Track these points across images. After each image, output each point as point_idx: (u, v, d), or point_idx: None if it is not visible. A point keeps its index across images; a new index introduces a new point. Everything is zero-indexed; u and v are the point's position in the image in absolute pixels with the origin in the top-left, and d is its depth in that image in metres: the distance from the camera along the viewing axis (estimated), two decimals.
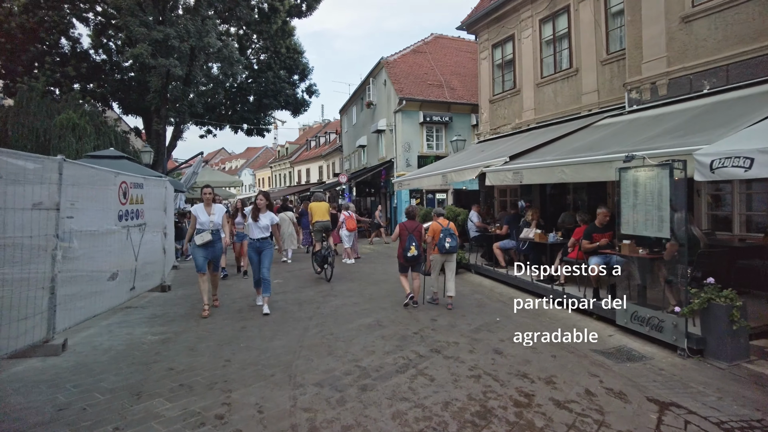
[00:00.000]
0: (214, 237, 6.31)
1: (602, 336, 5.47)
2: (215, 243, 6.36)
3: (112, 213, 5.69)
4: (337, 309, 6.67)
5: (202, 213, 6.33)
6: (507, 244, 9.06)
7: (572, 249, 7.31)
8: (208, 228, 6.28)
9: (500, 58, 13.54)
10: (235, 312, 6.57)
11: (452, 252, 6.82)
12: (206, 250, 6.32)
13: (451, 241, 6.74)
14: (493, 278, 9.05)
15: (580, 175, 6.55)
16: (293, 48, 25.11)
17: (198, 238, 6.22)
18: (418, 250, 6.78)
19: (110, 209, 5.62)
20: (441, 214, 7.33)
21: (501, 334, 5.48)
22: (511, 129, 12.89)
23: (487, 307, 6.89)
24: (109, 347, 4.77)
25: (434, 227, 6.88)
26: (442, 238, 6.73)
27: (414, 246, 6.74)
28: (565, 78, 11.00)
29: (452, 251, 6.80)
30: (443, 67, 22.06)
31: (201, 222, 6.29)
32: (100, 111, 18.15)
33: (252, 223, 6.46)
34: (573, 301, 6.65)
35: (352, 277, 9.50)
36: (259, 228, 6.44)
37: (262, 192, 6.64)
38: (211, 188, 6.55)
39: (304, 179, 42.39)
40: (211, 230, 6.31)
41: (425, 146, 20.13)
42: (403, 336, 5.29)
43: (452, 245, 6.74)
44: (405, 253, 6.76)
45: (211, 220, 6.35)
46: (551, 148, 8.65)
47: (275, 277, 9.49)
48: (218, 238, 6.46)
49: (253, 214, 6.46)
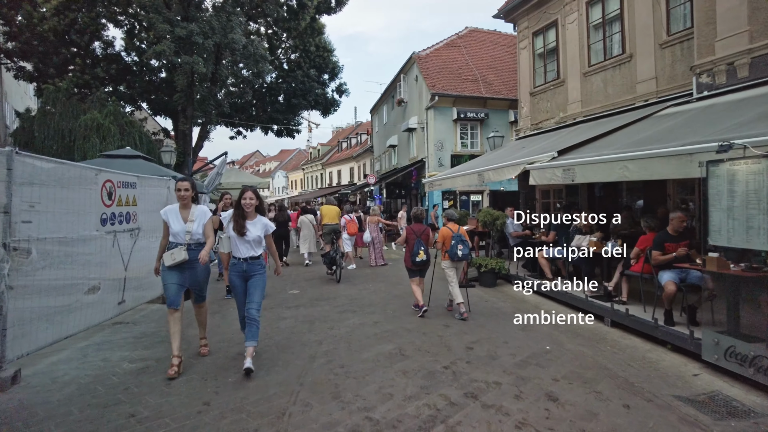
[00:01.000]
0: (192, 255, 4.31)
1: (685, 376, 4.27)
2: (195, 263, 4.33)
3: (92, 216, 4.90)
4: (353, 330, 5.67)
5: (176, 219, 4.36)
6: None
7: (636, 260, 6.09)
8: (183, 241, 4.30)
9: (542, 46, 12.33)
10: (229, 359, 4.62)
11: (464, 260, 6.51)
12: (181, 275, 4.34)
13: (464, 249, 6.37)
14: (539, 293, 7.88)
15: (648, 171, 5.34)
16: (323, 46, 24.46)
17: (167, 256, 4.28)
18: (427, 254, 6.44)
19: (89, 212, 4.83)
20: (452, 218, 6.84)
21: (554, 369, 4.37)
22: (555, 124, 11.66)
23: (534, 331, 5.75)
24: (72, 379, 3.94)
25: (444, 233, 6.48)
26: (453, 245, 6.35)
27: (423, 250, 6.40)
28: (616, 65, 9.72)
29: (464, 259, 6.48)
30: (479, 61, 20.82)
31: (173, 232, 4.32)
32: (125, 111, 17.87)
33: (234, 237, 4.38)
34: (639, 324, 5.46)
35: (377, 288, 8.51)
36: (246, 243, 4.37)
37: (249, 188, 4.49)
38: (189, 182, 4.51)
39: (336, 181, 41.80)
40: (189, 244, 4.33)
41: (459, 145, 18.95)
42: (431, 372, 4.25)
43: (464, 252, 6.39)
44: (414, 258, 6.41)
45: (188, 230, 4.32)
46: (606, 142, 7.44)
47: (292, 287, 8.65)
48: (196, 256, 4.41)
49: (236, 224, 4.34)
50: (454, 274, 6.49)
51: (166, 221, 4.37)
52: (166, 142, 16.07)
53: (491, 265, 8.49)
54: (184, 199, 4.42)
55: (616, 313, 5.88)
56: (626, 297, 6.33)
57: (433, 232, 7.01)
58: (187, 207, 4.46)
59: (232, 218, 4.42)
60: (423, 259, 6.42)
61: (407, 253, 6.55)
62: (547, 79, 12.13)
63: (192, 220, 4.41)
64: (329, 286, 8.78)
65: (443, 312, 6.68)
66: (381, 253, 11.76)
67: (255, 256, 4.44)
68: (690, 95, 7.57)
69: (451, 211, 7.17)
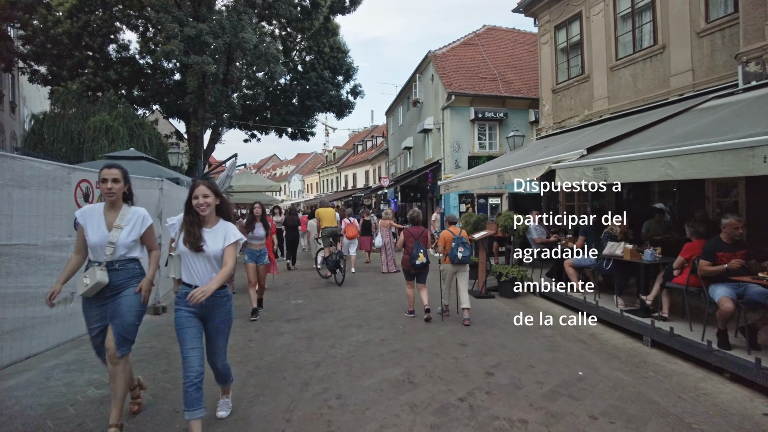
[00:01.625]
0: (116, 278, 3.03)
1: (753, 415, 3.53)
2: (122, 289, 3.04)
3: (64, 220, 4.38)
4: (356, 350, 5.02)
5: (95, 225, 3.03)
6: (583, 260, 7.13)
7: (680, 271, 5.34)
8: (102, 257, 2.99)
9: (564, 40, 11.61)
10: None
11: (465, 263, 6.36)
12: (100, 308, 3.07)
13: (464, 251, 6.27)
14: (565, 305, 7.14)
15: (696, 169, 4.59)
16: (337, 47, 24.08)
17: (80, 281, 3.02)
18: (427, 257, 6.31)
19: (59, 215, 4.31)
20: (453, 221, 6.78)
21: (590, 403, 3.67)
22: (579, 122, 10.92)
23: (563, 351, 5.04)
24: (21, 411, 3.37)
25: (445, 236, 6.42)
26: (453, 248, 6.26)
27: (422, 253, 6.28)
28: (647, 58, 8.95)
29: (465, 261, 6.34)
30: (497, 60, 20.07)
31: (91, 244, 3.02)
32: (135, 113, 17.62)
33: (186, 254, 2.94)
34: (687, 346, 4.71)
35: (387, 299, 7.87)
36: (204, 262, 2.95)
37: (203, 182, 3.03)
38: (119, 171, 3.10)
39: (351, 184, 41.33)
40: (112, 262, 3.02)
41: (476, 146, 18.19)
42: (443, 406, 3.58)
43: (465, 255, 6.28)
44: (413, 260, 6.29)
45: (111, 241, 2.99)
46: (640, 139, 6.70)
47: (297, 295, 8.07)
48: (130, 278, 3.09)
49: (189, 234, 2.92)
50: (452, 277, 6.45)
51: (83, 227, 3.02)
52: (175, 144, 15.66)
53: (512, 274, 7.79)
54: (110, 194, 3.00)
55: (658, 332, 5.12)
56: (667, 313, 5.58)
57: None
58: (115, 207, 3.06)
59: (182, 226, 2.97)
60: (423, 262, 6.29)
61: (405, 256, 6.45)
62: (571, 75, 11.41)
63: (119, 227, 3.01)
64: (336, 295, 8.18)
65: (459, 326, 6.02)
66: (394, 259, 11.13)
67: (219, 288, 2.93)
68: (734, 87, 6.82)
69: (452, 215, 7.06)
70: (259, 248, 6.56)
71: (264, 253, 6.61)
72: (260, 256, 6.55)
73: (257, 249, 6.56)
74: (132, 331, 3.05)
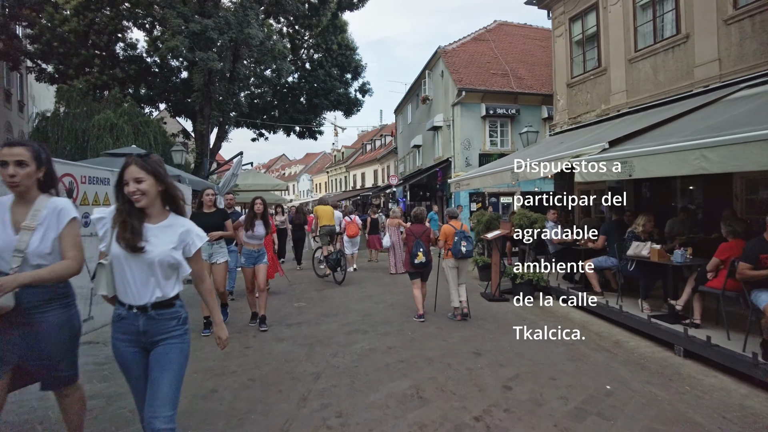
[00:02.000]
0: (29, 299, 2.16)
1: None
2: (35, 315, 2.20)
3: None
4: (361, 359, 4.61)
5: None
6: (604, 261, 6.67)
7: (715, 274, 4.87)
8: (7, 268, 2.12)
9: (580, 32, 11.14)
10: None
11: (468, 257, 6.35)
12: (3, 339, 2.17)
13: (467, 245, 6.20)
14: (585, 309, 6.68)
15: (738, 161, 4.13)
16: (345, 44, 23.72)
17: None
18: (427, 256, 6.19)
19: None
20: (454, 215, 6.72)
21: (623, 423, 3.23)
22: (595, 117, 10.44)
23: (587, 361, 4.60)
24: None
25: (446, 230, 6.34)
26: (456, 242, 6.18)
27: (422, 252, 6.16)
28: (669, 48, 8.46)
29: (468, 256, 6.33)
30: (508, 56, 19.57)
31: None
32: (140, 111, 17.39)
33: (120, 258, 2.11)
34: (728, 358, 4.25)
35: (395, 302, 7.46)
36: (145, 270, 2.12)
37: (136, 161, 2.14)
38: (28, 150, 2.23)
39: (359, 184, 40.96)
40: None
41: (488, 143, 17.73)
42: (457, 426, 3.16)
43: (468, 249, 6.22)
44: (412, 259, 6.18)
45: (19, 248, 2.13)
46: (667, 131, 6.23)
47: (300, 298, 7.70)
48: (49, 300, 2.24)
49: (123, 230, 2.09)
50: (455, 274, 6.32)
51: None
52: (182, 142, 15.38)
53: (528, 276, 7.34)
54: (13, 183, 2.18)
55: (693, 341, 4.66)
56: (699, 319, 5.11)
57: None
58: (24, 200, 2.23)
59: (114, 220, 2.13)
60: (422, 261, 6.15)
61: (406, 255, 6.39)
62: (587, 69, 10.93)
63: (29, 228, 2.16)
64: (340, 298, 7.79)
65: (472, 331, 5.60)
66: (402, 259, 10.71)
67: (165, 300, 2.17)
68: (764, 76, 6.35)
69: (452, 209, 6.92)
70: (257, 248, 5.85)
71: (263, 253, 5.91)
72: (259, 256, 5.85)
73: (256, 249, 5.84)
74: (65, 360, 2.32)
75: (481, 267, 9.39)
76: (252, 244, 5.80)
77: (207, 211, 5.59)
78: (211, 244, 5.42)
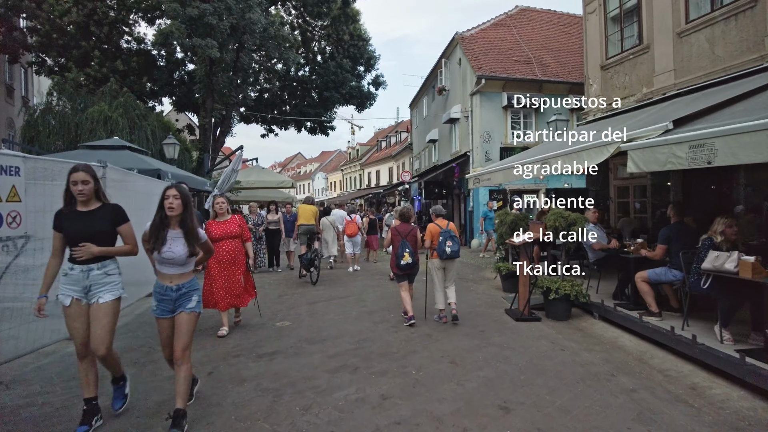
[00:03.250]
0: None
1: None
2: None
3: None
4: (341, 420, 3.26)
5: None
6: (664, 274, 5.23)
7: None
8: None
9: (617, 6, 9.78)
10: None
11: (454, 257, 6.01)
12: None
13: (453, 245, 5.91)
14: (640, 335, 5.26)
15: None
16: (357, 35, 22.47)
17: None
18: (413, 257, 5.95)
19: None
20: (440, 214, 6.30)
21: None
22: (635, 102, 9.02)
23: (661, 421, 3.22)
24: None
25: (432, 229, 6.05)
26: (441, 242, 5.91)
27: (408, 252, 5.91)
28: (731, 15, 7.02)
29: (453, 256, 5.98)
30: (531, 42, 18.03)
31: None
32: (138, 103, 16.39)
33: None
34: None
35: (399, 320, 6.15)
36: None
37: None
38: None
39: (374, 182, 39.69)
40: None
41: (509, 135, 16.23)
42: None
43: (454, 249, 5.91)
44: (398, 260, 5.93)
45: None
46: (742, 108, 4.83)
47: (287, 313, 6.42)
48: None
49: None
50: (442, 275, 6.08)
51: None
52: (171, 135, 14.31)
53: (564, 290, 5.95)
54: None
55: None
56: None
57: None
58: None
59: None
60: (408, 262, 5.90)
61: (392, 256, 6.14)
62: (625, 47, 9.51)
63: None
64: (335, 314, 6.51)
65: (496, 371, 4.24)
66: None
67: None
68: None
69: (439, 207, 6.44)
70: (181, 281, 3.13)
71: (192, 289, 3.19)
72: (181, 297, 3.12)
73: (174, 284, 3.11)
74: None
75: (504, 276, 8.00)
76: (167, 275, 3.12)
77: (84, 209, 3.08)
78: (89, 268, 3.04)
